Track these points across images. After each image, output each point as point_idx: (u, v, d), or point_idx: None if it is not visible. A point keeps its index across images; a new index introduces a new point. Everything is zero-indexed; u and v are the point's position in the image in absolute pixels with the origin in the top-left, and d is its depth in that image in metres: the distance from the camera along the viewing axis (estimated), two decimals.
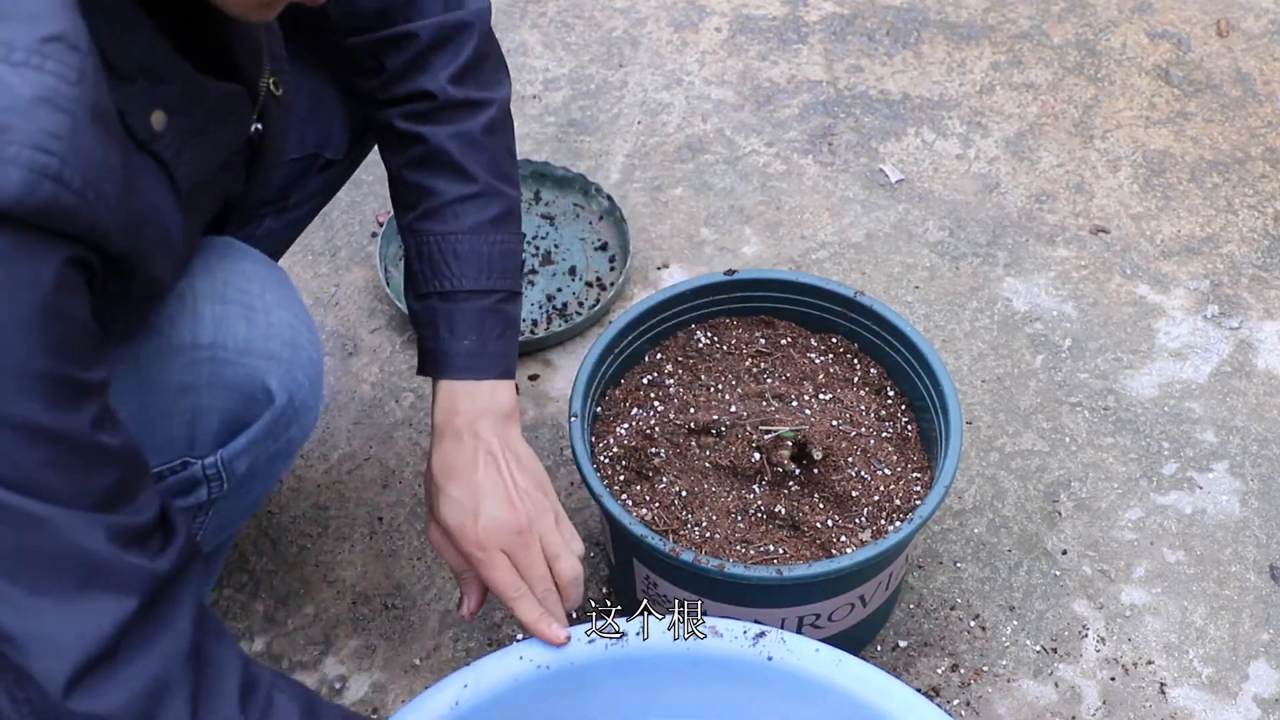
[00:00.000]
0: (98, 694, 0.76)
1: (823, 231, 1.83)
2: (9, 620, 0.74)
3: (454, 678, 1.04)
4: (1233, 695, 1.37)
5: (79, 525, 0.74)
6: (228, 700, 0.81)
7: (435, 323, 1.15)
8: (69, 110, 0.70)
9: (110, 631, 0.76)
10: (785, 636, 1.05)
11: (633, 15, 2.15)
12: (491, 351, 1.15)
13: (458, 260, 1.14)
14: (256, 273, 1.02)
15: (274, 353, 1.00)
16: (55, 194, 0.69)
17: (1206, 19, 2.15)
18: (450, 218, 1.15)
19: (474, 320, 1.14)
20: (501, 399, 1.15)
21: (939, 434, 1.27)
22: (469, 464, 1.11)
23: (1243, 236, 1.82)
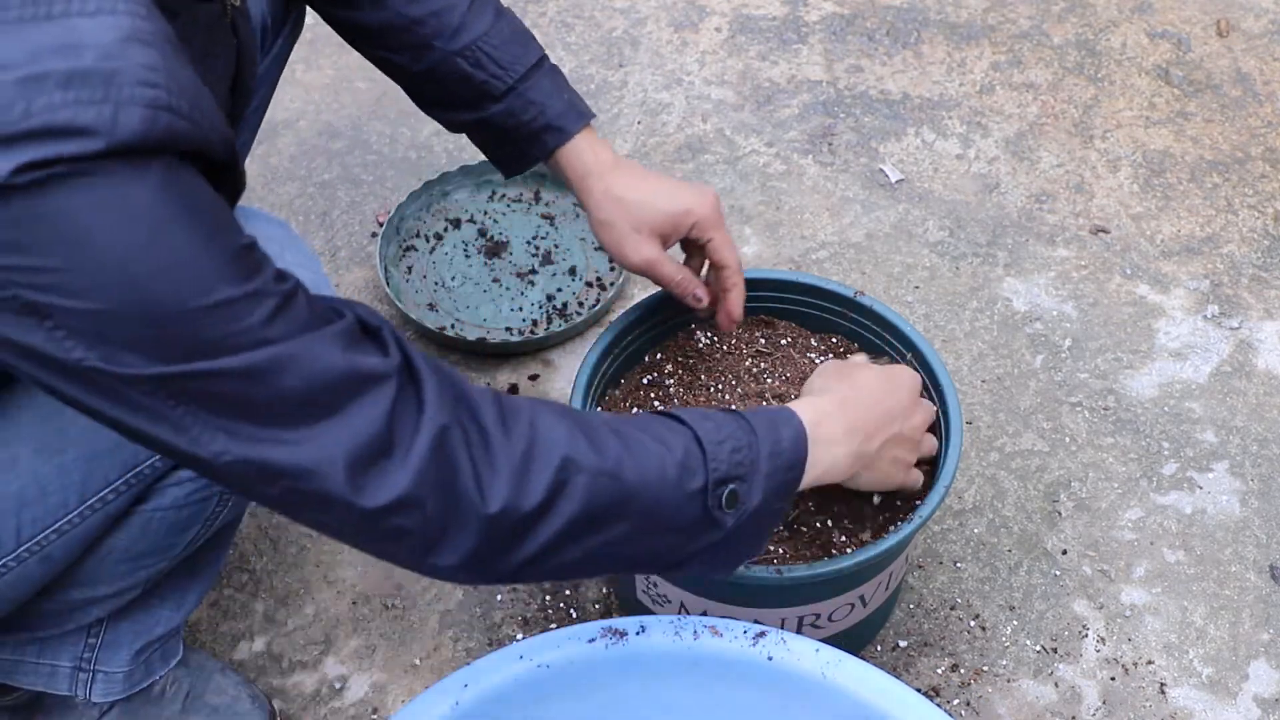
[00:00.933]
0: (388, 483, 0.82)
1: (823, 231, 1.83)
2: (288, 457, 0.80)
3: (454, 677, 1.04)
4: (1233, 695, 1.37)
5: (317, 348, 0.80)
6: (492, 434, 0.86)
7: (536, 100, 1.21)
8: (154, 44, 0.74)
9: (378, 429, 0.81)
10: (785, 636, 1.05)
11: (633, 15, 2.15)
12: (576, 97, 1.24)
13: (512, 43, 1.21)
14: (275, 234, 1.06)
15: None
16: (171, 122, 0.73)
17: (1206, 19, 2.15)
18: (475, 20, 1.20)
19: (554, 81, 1.22)
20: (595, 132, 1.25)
21: (939, 434, 1.27)
22: (651, 177, 1.23)
23: (1243, 236, 1.82)
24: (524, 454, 0.87)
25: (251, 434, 0.79)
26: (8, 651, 1.18)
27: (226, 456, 0.80)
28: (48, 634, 1.16)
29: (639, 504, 0.91)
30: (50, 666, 1.19)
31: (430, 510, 0.83)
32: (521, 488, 0.86)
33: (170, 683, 1.28)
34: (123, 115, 0.71)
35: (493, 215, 1.82)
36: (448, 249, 1.78)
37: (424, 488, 0.83)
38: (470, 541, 0.85)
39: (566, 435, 0.89)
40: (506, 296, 1.73)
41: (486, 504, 0.85)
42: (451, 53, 1.20)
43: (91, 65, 0.71)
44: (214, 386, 0.77)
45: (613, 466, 0.90)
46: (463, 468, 0.84)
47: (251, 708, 1.32)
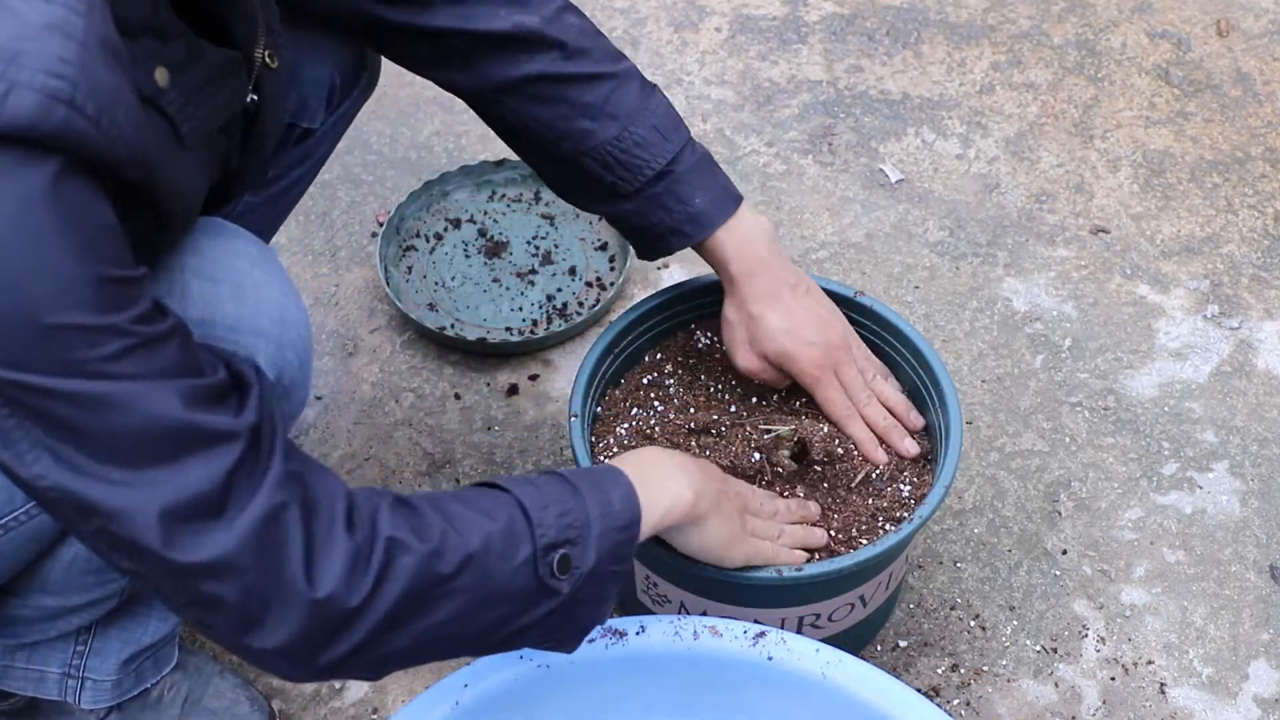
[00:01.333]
0: (203, 543, 0.79)
1: (823, 231, 1.83)
2: (110, 497, 0.78)
3: (454, 677, 1.04)
4: (1233, 695, 1.37)
5: (154, 398, 0.77)
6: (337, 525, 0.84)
7: (665, 204, 1.19)
8: (79, 39, 0.71)
9: (208, 487, 0.79)
10: (785, 636, 1.05)
11: (633, 15, 2.15)
12: (723, 185, 1.21)
13: (642, 147, 1.17)
14: (246, 251, 1.03)
15: (262, 330, 1.00)
16: (68, 118, 0.71)
17: (1206, 19, 2.15)
18: (609, 121, 1.16)
19: (695, 176, 1.19)
20: (759, 221, 1.23)
21: (939, 434, 1.27)
22: (780, 296, 1.22)
23: (1243, 236, 1.82)
24: (359, 543, 0.85)
25: (74, 463, 0.77)
26: None
27: (45, 481, 0.78)
28: (31, 640, 1.16)
29: (465, 579, 0.88)
30: (39, 672, 1.19)
31: (251, 583, 0.81)
32: (353, 578, 0.83)
33: (169, 687, 1.28)
34: (13, 96, 0.69)
35: (493, 215, 1.82)
36: (448, 249, 1.78)
37: (247, 557, 0.80)
38: (292, 626, 0.82)
39: (389, 517, 0.87)
40: (506, 296, 1.73)
41: (314, 588, 0.82)
42: (580, 153, 1.18)
43: (1, 41, 0.69)
44: (46, 404, 0.75)
45: (436, 545, 0.87)
46: (294, 548, 0.82)
47: (251, 710, 1.31)
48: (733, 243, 1.21)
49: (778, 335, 1.23)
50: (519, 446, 1.58)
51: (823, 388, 1.25)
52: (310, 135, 1.32)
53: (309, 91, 1.28)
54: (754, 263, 1.22)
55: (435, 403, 1.63)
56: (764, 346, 1.24)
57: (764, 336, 1.23)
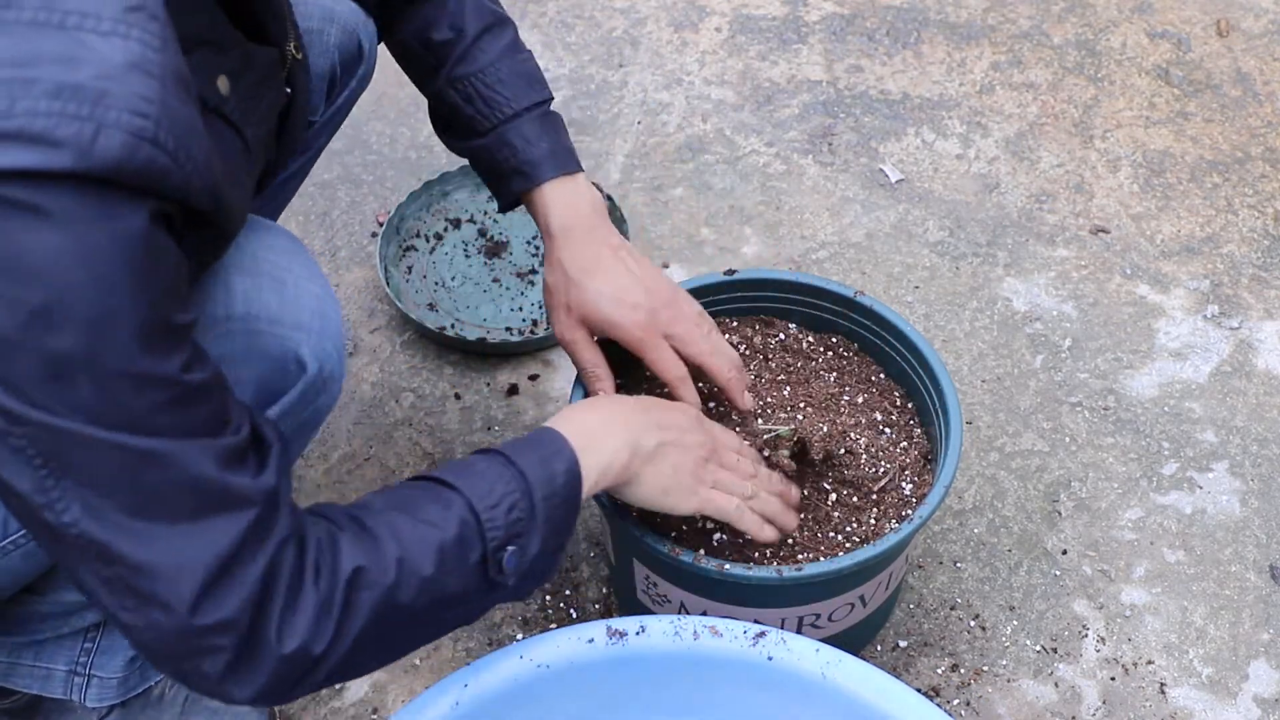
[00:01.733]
0: (219, 605, 0.81)
1: (823, 231, 1.83)
2: (133, 550, 0.78)
3: (454, 678, 1.04)
4: (1233, 695, 1.37)
5: (191, 455, 0.78)
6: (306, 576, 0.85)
7: (511, 142, 1.21)
8: (158, 75, 0.72)
9: (228, 549, 0.80)
10: (785, 637, 1.05)
11: (633, 15, 2.15)
12: (565, 147, 1.23)
13: (505, 85, 1.21)
14: (283, 245, 1.05)
15: (304, 323, 1.02)
16: (153, 157, 0.71)
17: (1206, 19, 2.15)
18: (479, 55, 1.22)
19: (543, 126, 1.22)
20: (590, 190, 1.23)
21: (939, 434, 1.27)
22: (602, 258, 1.20)
23: (1243, 236, 1.82)
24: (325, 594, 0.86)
25: (106, 514, 0.77)
26: (4, 654, 1.18)
27: (74, 529, 0.78)
28: (44, 637, 1.16)
29: (421, 600, 0.90)
30: (46, 670, 1.19)
31: (241, 641, 0.82)
32: (318, 629, 0.85)
33: (170, 685, 1.28)
34: (103, 137, 0.69)
35: (493, 215, 1.82)
36: (448, 249, 1.78)
37: (245, 617, 0.82)
38: (263, 679, 0.84)
39: (349, 552, 0.88)
40: (506, 296, 1.73)
41: (282, 645, 0.84)
42: (449, 81, 1.22)
43: (85, 81, 0.69)
44: (87, 455, 0.75)
45: (394, 579, 0.88)
46: (275, 607, 0.83)
47: (250, 709, 1.32)
48: (562, 198, 1.21)
49: (601, 301, 1.18)
50: None
51: (649, 350, 1.19)
52: (310, 127, 1.34)
53: (310, 83, 1.30)
54: (576, 219, 1.21)
55: (435, 403, 1.63)
56: (585, 312, 1.19)
57: (586, 302, 1.19)
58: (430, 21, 1.23)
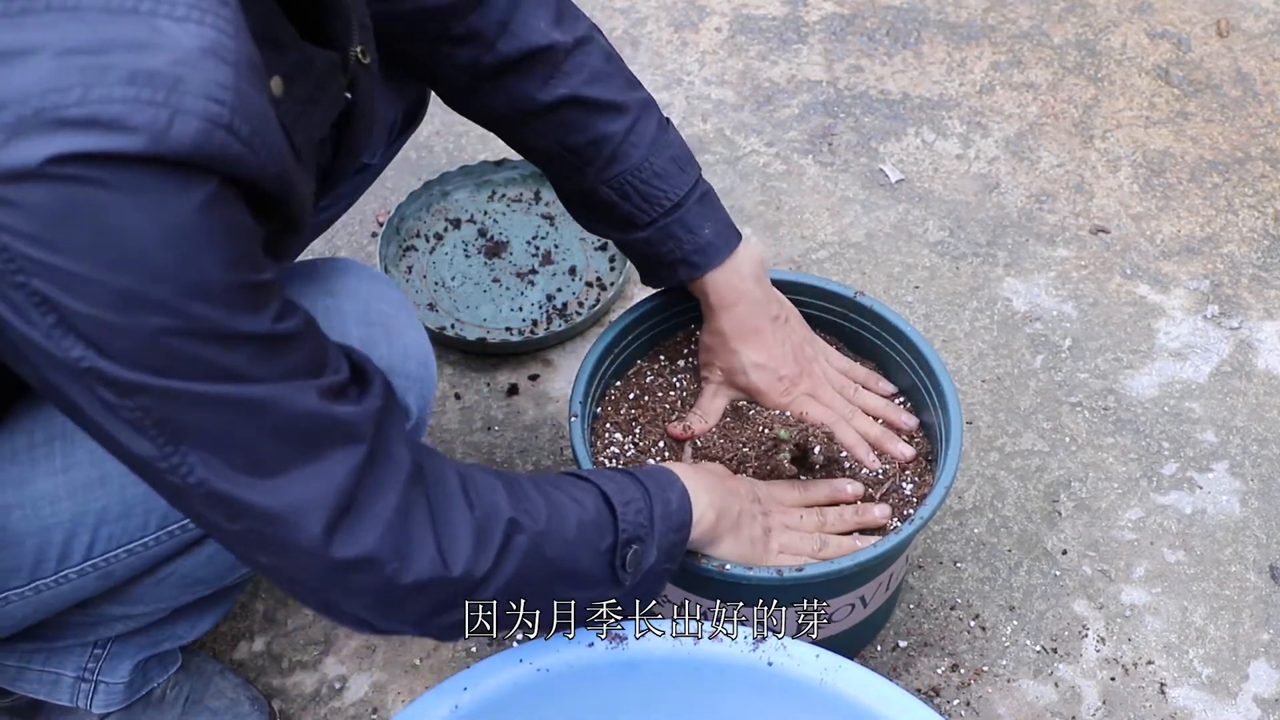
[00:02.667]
0: (354, 538, 0.84)
1: (823, 231, 1.83)
2: (259, 499, 0.81)
3: (454, 680, 1.04)
4: (1233, 695, 1.37)
5: (293, 395, 0.80)
6: (456, 503, 0.90)
7: (675, 235, 1.23)
8: (232, 62, 0.72)
9: (347, 481, 0.83)
10: (786, 642, 1.05)
11: (633, 15, 2.15)
12: (723, 224, 1.25)
13: (661, 179, 1.21)
14: (390, 296, 1.08)
15: (411, 372, 1.05)
16: (227, 143, 0.72)
17: (1206, 19, 2.14)
18: (631, 150, 1.21)
19: (703, 209, 1.23)
20: (752, 253, 1.26)
21: (939, 434, 1.27)
22: (759, 329, 1.26)
23: (1243, 236, 1.82)
24: (480, 520, 0.91)
25: (227, 469, 0.80)
26: (15, 659, 1.18)
27: (201, 489, 0.80)
28: (68, 644, 1.16)
29: (562, 563, 0.96)
30: (54, 675, 1.19)
31: (393, 572, 0.86)
32: (479, 553, 0.90)
33: (170, 686, 1.28)
34: (178, 123, 0.70)
35: (493, 215, 1.82)
36: (448, 249, 1.78)
37: (388, 548, 0.85)
38: (427, 604, 0.89)
39: (507, 498, 0.93)
40: (506, 296, 1.73)
41: (449, 568, 0.88)
42: (601, 182, 1.22)
43: (161, 67, 0.70)
44: (198, 414, 0.78)
45: (544, 527, 0.94)
46: (427, 534, 0.87)
47: (251, 709, 1.32)
48: (725, 279, 1.24)
49: (749, 370, 1.26)
50: (519, 446, 1.58)
51: (798, 405, 1.27)
52: (366, 169, 1.33)
53: (377, 130, 1.28)
54: (738, 296, 1.25)
55: (435, 403, 1.63)
56: (734, 378, 1.28)
57: (735, 368, 1.27)
58: (569, 126, 1.21)
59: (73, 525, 0.99)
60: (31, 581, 1.01)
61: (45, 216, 0.69)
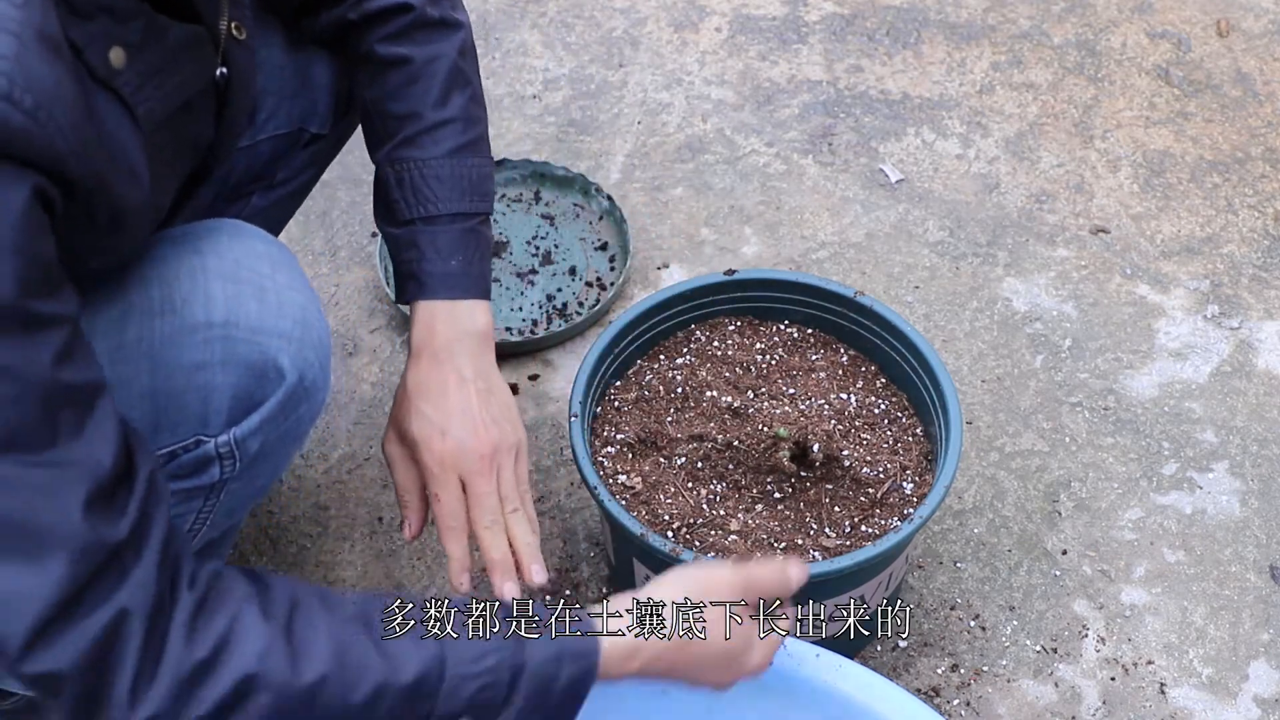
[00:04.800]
0: (52, 653, 0.75)
1: (823, 231, 1.83)
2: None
3: None
4: (1233, 695, 1.37)
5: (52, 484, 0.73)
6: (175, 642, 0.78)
7: (419, 245, 1.17)
8: (14, 32, 0.70)
9: (67, 594, 0.74)
10: (786, 641, 1.05)
11: (633, 15, 2.15)
12: (474, 272, 1.18)
13: (440, 184, 1.17)
14: (267, 253, 1.03)
15: (285, 331, 1.00)
16: (6, 114, 0.69)
17: (1206, 19, 2.15)
18: (430, 144, 1.18)
19: (459, 241, 1.17)
20: (480, 320, 1.17)
21: (939, 434, 1.27)
22: (443, 385, 1.13)
23: (1243, 236, 1.82)
24: (199, 664, 0.78)
25: None
26: None
27: None
28: None
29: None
30: None
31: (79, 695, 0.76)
32: (182, 702, 0.77)
33: None
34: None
35: (493, 215, 1.82)
36: None
37: (78, 672, 0.75)
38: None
39: (262, 648, 0.79)
40: (506, 296, 1.73)
41: (134, 712, 0.76)
42: (388, 160, 1.19)
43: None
44: None
45: (308, 687, 0.80)
46: (126, 664, 0.76)
47: None
48: (433, 318, 1.16)
49: (418, 420, 1.12)
50: None
51: (434, 483, 1.11)
52: (318, 140, 1.33)
53: (318, 96, 1.29)
54: (433, 342, 1.15)
55: None
56: (404, 430, 1.14)
57: (406, 419, 1.14)
58: (392, 91, 1.19)
59: None
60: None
61: None
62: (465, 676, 0.85)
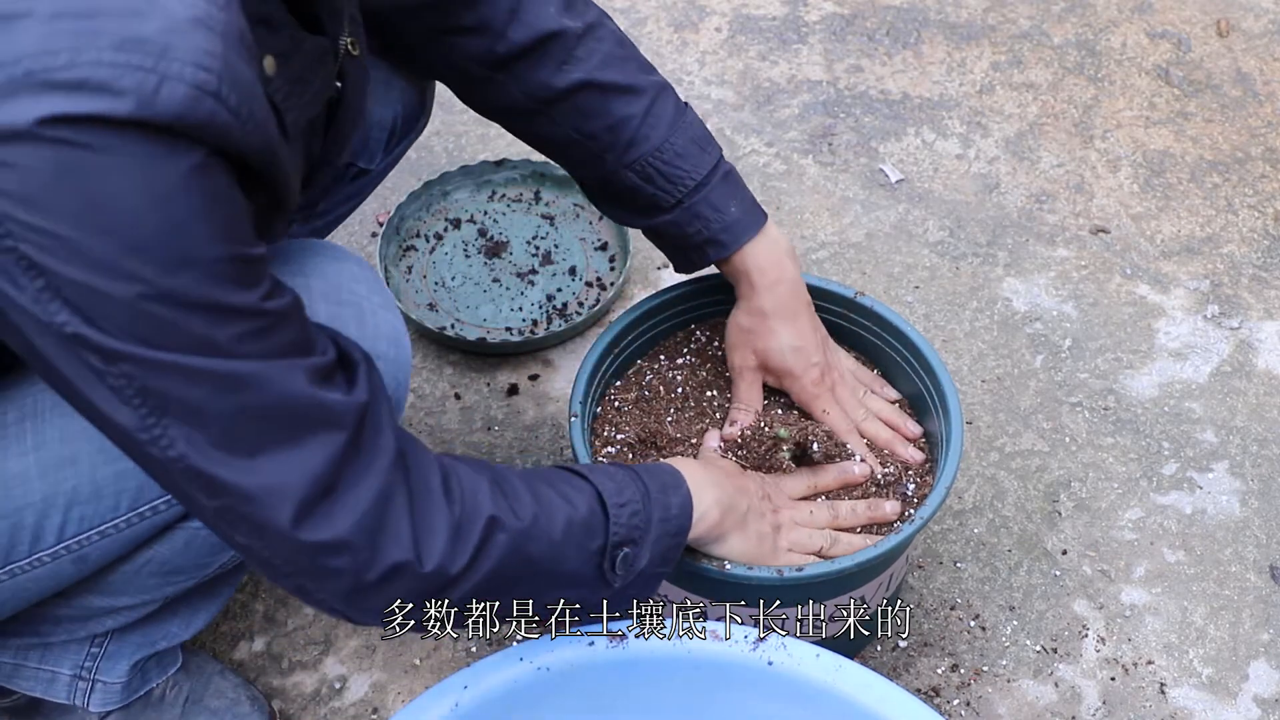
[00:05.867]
0: (327, 523, 0.84)
1: (823, 231, 1.83)
2: (237, 478, 0.81)
3: (454, 679, 1.04)
4: (1233, 695, 1.37)
5: (280, 375, 0.80)
6: (436, 498, 0.89)
7: (701, 214, 1.22)
8: (221, 33, 0.73)
9: (326, 468, 0.83)
10: (786, 641, 1.05)
11: (633, 15, 2.15)
12: (750, 204, 1.24)
13: (683, 159, 1.21)
14: (364, 275, 1.07)
15: (382, 352, 1.04)
16: (214, 111, 0.73)
17: (1206, 19, 2.15)
18: (650, 132, 1.20)
19: (726, 191, 1.23)
20: (786, 240, 1.26)
21: (939, 434, 1.27)
22: (796, 312, 1.25)
23: (1243, 236, 1.82)
24: (459, 517, 0.90)
25: (207, 446, 0.80)
26: (9, 655, 1.17)
27: (181, 464, 0.81)
28: (56, 640, 1.16)
29: (545, 563, 0.95)
30: (50, 673, 1.19)
31: (365, 559, 0.86)
32: (455, 549, 0.89)
33: (170, 686, 1.28)
34: (165, 88, 0.70)
35: (493, 215, 1.82)
36: (448, 249, 1.78)
37: (362, 535, 0.85)
38: (395, 594, 0.89)
39: (490, 495, 0.93)
40: (506, 296, 1.73)
41: (423, 563, 0.88)
42: (623, 166, 1.21)
43: (151, 34, 0.70)
44: (182, 386, 0.78)
45: (528, 525, 0.93)
46: (403, 524, 0.87)
47: (251, 709, 1.32)
48: (763, 255, 1.23)
49: (787, 352, 1.25)
50: (519, 446, 1.58)
51: (824, 404, 1.27)
52: (364, 174, 1.34)
53: (370, 132, 1.30)
54: (780, 274, 1.24)
55: (435, 403, 1.63)
56: (770, 358, 1.26)
57: (773, 349, 1.26)
58: (586, 112, 1.20)
59: (44, 506, 0.99)
60: (6, 565, 1.01)
61: (35, 179, 0.70)
62: (619, 505, 0.99)
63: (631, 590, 1.02)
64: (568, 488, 0.98)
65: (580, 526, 0.96)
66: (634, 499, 1.00)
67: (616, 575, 0.99)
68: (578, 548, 0.96)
